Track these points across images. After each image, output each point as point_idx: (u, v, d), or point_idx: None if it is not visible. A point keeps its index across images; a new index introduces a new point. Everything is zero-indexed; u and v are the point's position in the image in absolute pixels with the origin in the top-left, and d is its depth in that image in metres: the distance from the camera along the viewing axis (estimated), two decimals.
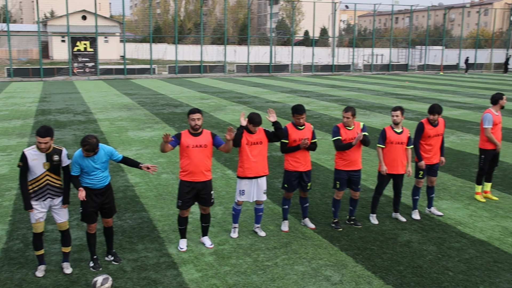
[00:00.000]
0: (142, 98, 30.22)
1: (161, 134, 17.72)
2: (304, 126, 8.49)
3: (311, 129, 8.57)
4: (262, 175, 8.27)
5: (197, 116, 7.58)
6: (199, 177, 7.70)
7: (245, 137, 8.10)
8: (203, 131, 7.74)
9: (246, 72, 55.09)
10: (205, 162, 7.74)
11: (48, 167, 6.84)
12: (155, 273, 7.10)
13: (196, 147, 7.61)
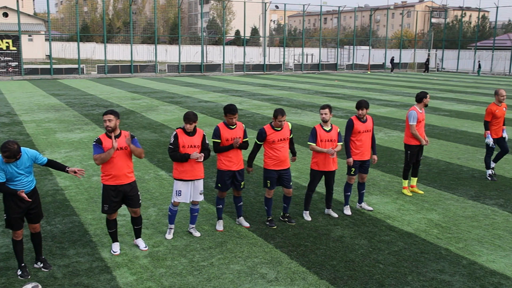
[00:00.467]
0: (71, 98, 29.29)
1: (91, 136, 17.26)
2: (235, 125, 8.53)
3: (242, 128, 8.63)
4: (198, 178, 8.24)
5: (109, 117, 7.34)
6: (123, 180, 7.53)
7: (182, 139, 8.03)
8: (122, 133, 7.55)
9: (177, 72, 54.58)
10: (127, 164, 7.58)
11: None
12: (87, 278, 6.91)
13: (119, 149, 7.45)
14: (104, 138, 7.42)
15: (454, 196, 10.87)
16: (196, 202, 8.41)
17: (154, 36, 54.74)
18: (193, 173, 8.15)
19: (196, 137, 8.11)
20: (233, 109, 8.36)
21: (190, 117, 7.96)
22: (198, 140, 8.14)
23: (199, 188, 8.29)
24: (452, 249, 8.03)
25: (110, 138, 7.41)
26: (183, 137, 8.05)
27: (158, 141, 16.42)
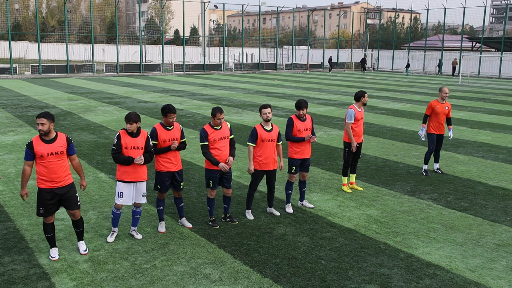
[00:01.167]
0: (3, 100, 28.12)
1: (25, 138, 16.65)
2: (173, 126, 8.48)
3: (179, 129, 8.59)
4: (141, 180, 8.14)
5: (41, 121, 7.12)
6: (58, 183, 7.31)
7: (125, 141, 7.90)
8: (58, 136, 7.34)
9: (116, 72, 53.48)
10: (63, 167, 7.35)
11: None
12: (24, 286, 6.66)
13: (51, 155, 7.21)
14: (37, 141, 7.19)
15: (392, 192, 11.23)
16: (139, 205, 8.30)
17: (91, 35, 53.38)
18: (136, 175, 8.04)
19: (139, 139, 8.00)
20: (173, 108, 8.32)
21: (131, 117, 7.85)
22: (142, 141, 8.03)
23: (142, 190, 8.19)
24: (390, 243, 8.29)
25: (44, 142, 7.18)
26: (126, 138, 7.94)
27: (97, 143, 16.05)
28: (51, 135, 7.24)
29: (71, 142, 7.44)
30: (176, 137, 8.43)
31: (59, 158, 7.26)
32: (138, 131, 8.02)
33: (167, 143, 8.36)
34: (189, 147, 15.27)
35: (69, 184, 7.46)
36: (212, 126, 8.69)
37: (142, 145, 8.00)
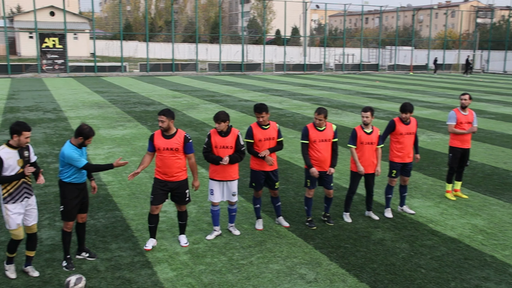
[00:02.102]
0: (114, 96, 29.87)
1: (133, 133, 17.55)
2: (269, 125, 8.46)
3: (276, 128, 8.55)
4: (230, 179, 8.20)
5: (161, 118, 7.46)
6: (170, 177, 7.64)
7: (215, 140, 8.04)
8: (177, 133, 7.63)
9: (218, 71, 54.96)
10: (177, 164, 7.63)
11: (22, 164, 6.67)
12: (129, 273, 7.03)
13: (166, 149, 7.53)
14: (158, 135, 7.60)
15: (500, 202, 10.58)
16: (232, 203, 8.42)
17: (195, 35, 55.25)
18: (224, 174, 8.11)
19: (229, 138, 8.04)
20: (258, 107, 8.31)
21: (219, 116, 7.91)
22: (232, 140, 8.06)
23: (232, 189, 8.25)
24: (498, 256, 7.81)
25: (163, 137, 7.53)
26: (216, 137, 8.04)
27: (198, 139, 16.57)
28: (171, 131, 7.55)
29: (188, 141, 7.59)
30: (272, 136, 8.41)
31: (174, 154, 7.53)
32: (228, 130, 8.06)
33: (262, 142, 8.37)
34: (288, 147, 15.33)
35: (181, 181, 7.72)
36: (315, 126, 8.63)
37: (232, 145, 8.02)
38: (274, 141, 8.48)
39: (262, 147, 8.42)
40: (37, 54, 48.28)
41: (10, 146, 6.60)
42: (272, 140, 8.46)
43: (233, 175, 8.21)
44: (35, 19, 47.57)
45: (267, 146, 8.44)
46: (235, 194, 8.31)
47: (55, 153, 14.42)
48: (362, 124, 9.04)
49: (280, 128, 8.72)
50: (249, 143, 8.45)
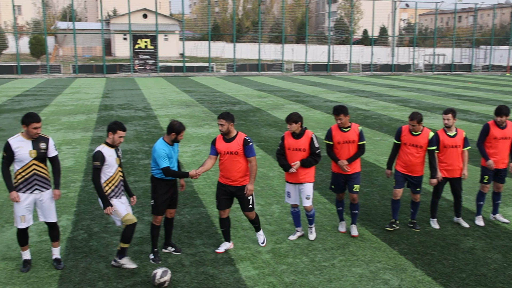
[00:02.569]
0: (201, 95, 30.65)
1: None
2: (349, 128, 8.23)
3: (357, 131, 8.22)
4: (302, 182, 7.93)
5: (220, 122, 7.33)
6: (233, 181, 7.49)
7: (288, 142, 7.91)
8: (237, 136, 7.46)
9: (303, 71, 54.88)
10: (237, 168, 7.44)
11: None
12: (212, 269, 7.17)
13: (227, 153, 7.42)
14: (219, 138, 7.51)
15: None
16: (307, 208, 8.07)
17: (282, 35, 55.48)
18: (297, 177, 7.91)
19: (302, 140, 7.81)
20: (335, 109, 8.13)
21: (291, 117, 7.72)
22: (305, 143, 7.81)
23: (305, 193, 7.95)
24: None
25: (224, 141, 7.44)
26: (289, 139, 7.88)
27: None
28: (231, 134, 7.42)
29: (247, 144, 7.35)
30: (352, 139, 8.15)
31: (234, 158, 7.37)
32: (302, 132, 7.83)
33: (341, 145, 8.16)
34: (373, 149, 15.03)
35: (243, 186, 7.51)
36: (410, 130, 8.38)
37: (305, 147, 7.77)
38: (354, 144, 8.18)
39: (341, 150, 8.21)
40: (130, 55, 50.53)
41: (108, 145, 6.93)
42: (351, 144, 8.18)
43: (307, 178, 7.90)
44: (129, 21, 49.80)
45: (346, 149, 8.18)
46: (308, 198, 7.95)
47: (144, 149, 15.01)
48: (444, 127, 8.68)
49: (362, 131, 8.35)
50: (328, 144, 8.33)
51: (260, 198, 10.38)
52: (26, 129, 6.78)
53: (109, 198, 6.89)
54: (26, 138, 6.84)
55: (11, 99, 28.65)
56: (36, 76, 48.08)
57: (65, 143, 15.88)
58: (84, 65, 51.90)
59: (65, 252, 7.67)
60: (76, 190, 10.93)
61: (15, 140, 6.81)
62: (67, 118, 21.17)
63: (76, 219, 9.13)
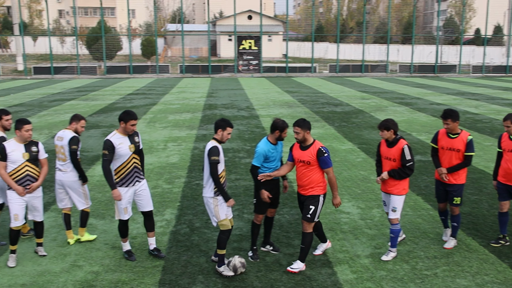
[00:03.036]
0: (303, 96, 30.68)
1: (320, 133, 17.80)
2: (458, 134, 7.67)
3: (465, 140, 7.59)
4: (389, 193, 7.50)
5: (296, 129, 7.01)
6: (302, 190, 7.21)
7: (382, 149, 7.56)
8: (312, 145, 7.05)
9: (409, 72, 53.21)
10: (309, 178, 7.07)
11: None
12: (310, 270, 7.14)
13: (300, 162, 7.14)
14: (296, 145, 7.24)
15: None
16: (392, 221, 7.46)
17: (387, 35, 54.14)
18: (385, 187, 7.58)
19: (394, 149, 7.30)
20: (444, 113, 7.67)
21: (382, 123, 7.28)
22: (396, 153, 7.30)
23: (392, 204, 7.47)
24: None
25: (300, 148, 7.14)
26: (383, 147, 7.52)
27: None
28: (307, 142, 7.08)
29: (322, 155, 6.89)
30: (457, 148, 7.59)
31: (306, 167, 7.04)
32: (395, 141, 7.32)
33: (444, 151, 7.73)
34: (483, 155, 14.24)
35: (310, 196, 7.08)
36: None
37: (395, 157, 7.27)
38: (458, 153, 7.62)
39: (443, 156, 7.76)
40: (235, 55, 51.73)
41: (217, 141, 7.09)
42: (455, 152, 7.63)
43: (395, 190, 7.39)
44: (235, 23, 50.97)
45: (448, 157, 7.68)
46: (394, 210, 7.39)
47: (246, 148, 15.28)
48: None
49: (472, 141, 7.65)
50: (432, 148, 7.96)
51: (360, 202, 10.19)
52: (124, 125, 7.15)
53: (215, 195, 6.95)
54: (123, 135, 7.20)
55: (123, 97, 30.42)
56: (146, 76, 50.69)
57: (171, 140, 16.57)
58: (190, 65, 53.87)
59: (168, 245, 8.00)
60: (180, 185, 11.35)
61: (115, 137, 7.15)
62: (174, 116, 22.08)
63: (179, 214, 9.49)
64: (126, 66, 52.28)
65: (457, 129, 7.73)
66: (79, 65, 51.29)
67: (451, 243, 7.95)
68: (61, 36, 74.04)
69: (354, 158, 13.99)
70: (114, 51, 59.34)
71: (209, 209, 7.04)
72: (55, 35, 71.97)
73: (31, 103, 27.32)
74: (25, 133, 7.17)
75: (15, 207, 7.21)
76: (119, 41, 60.89)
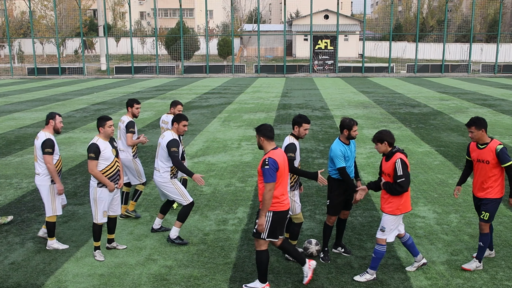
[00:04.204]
0: (379, 96, 30.07)
1: (396, 134, 17.37)
2: (486, 145, 6.95)
3: (493, 150, 6.85)
4: (381, 209, 6.91)
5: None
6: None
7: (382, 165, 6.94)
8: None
9: (493, 73, 50.83)
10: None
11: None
12: (382, 274, 6.98)
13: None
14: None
15: None
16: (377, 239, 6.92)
17: (470, 34, 52.01)
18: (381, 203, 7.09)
19: (389, 163, 6.71)
20: (469, 120, 7.06)
21: (375, 135, 6.80)
22: (390, 167, 6.68)
23: (381, 223, 6.91)
24: None
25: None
26: (383, 161, 6.89)
27: (465, 145, 15.56)
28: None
29: (262, 167, 6.21)
30: (486, 159, 6.95)
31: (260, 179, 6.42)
32: (391, 154, 6.75)
33: (475, 163, 7.10)
34: None
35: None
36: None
37: (389, 172, 6.70)
38: (488, 165, 6.88)
39: (475, 169, 7.10)
40: (310, 55, 51.50)
41: (294, 136, 7.20)
42: (485, 164, 6.92)
43: (387, 208, 6.78)
44: (311, 22, 50.75)
45: (478, 169, 7.03)
46: (383, 230, 6.80)
47: (320, 149, 15.17)
48: None
49: (503, 149, 6.84)
50: (466, 160, 7.41)
51: (437, 206, 9.85)
52: (177, 126, 7.89)
53: (292, 190, 7.22)
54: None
55: (199, 96, 31.09)
56: (222, 76, 51.54)
57: (245, 139, 16.74)
58: (265, 65, 54.20)
59: (239, 243, 8.09)
60: (253, 184, 11.44)
61: (176, 136, 7.88)
62: (248, 115, 22.29)
63: (251, 212, 9.57)
64: (202, 66, 53.41)
65: (485, 138, 6.97)
66: (158, 65, 52.95)
67: (472, 264, 7.12)
68: (142, 37, 76.71)
69: (431, 161, 13.54)
70: (192, 51, 60.79)
71: None
72: (136, 36, 74.66)
73: (112, 101, 28.51)
74: (108, 129, 7.42)
75: (105, 204, 7.51)
76: (196, 41, 62.29)
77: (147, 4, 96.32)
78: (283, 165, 6.29)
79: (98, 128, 7.45)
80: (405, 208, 6.75)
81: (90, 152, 7.32)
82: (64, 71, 53.42)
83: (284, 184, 6.38)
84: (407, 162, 6.67)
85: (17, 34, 68.62)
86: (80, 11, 54.68)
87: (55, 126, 7.84)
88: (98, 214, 7.46)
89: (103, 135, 7.47)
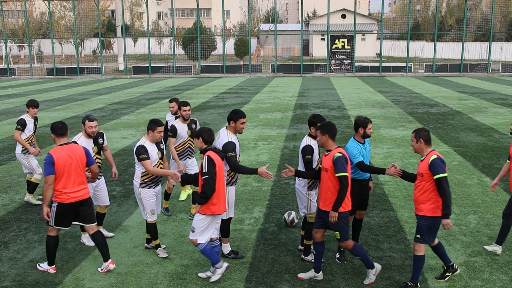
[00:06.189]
0: (396, 96, 29.86)
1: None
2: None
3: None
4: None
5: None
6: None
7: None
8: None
9: None
10: None
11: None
12: (398, 275, 6.92)
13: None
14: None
15: None
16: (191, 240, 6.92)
17: (490, 33, 51.39)
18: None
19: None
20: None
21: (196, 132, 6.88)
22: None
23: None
24: None
25: None
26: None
27: (484, 145, 15.38)
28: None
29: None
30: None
31: None
32: (204, 151, 6.78)
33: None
34: None
35: None
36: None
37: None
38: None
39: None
40: (327, 55, 51.33)
41: (312, 137, 7.22)
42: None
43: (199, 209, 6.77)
44: (328, 22, 50.56)
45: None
46: (193, 231, 6.77)
47: None
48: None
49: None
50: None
51: (455, 207, 9.74)
52: (235, 125, 7.40)
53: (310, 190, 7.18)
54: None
55: (216, 96, 31.17)
56: (238, 75, 51.59)
57: (261, 139, 16.74)
58: (282, 65, 54.16)
59: (255, 243, 8.09)
60: (269, 184, 11.44)
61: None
62: (265, 115, 22.29)
63: (267, 212, 9.57)
64: (219, 66, 53.52)
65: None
66: (175, 65, 53.20)
67: (368, 277, 6.72)
68: (159, 37, 77.13)
69: (449, 161, 13.41)
70: (209, 51, 60.92)
71: (301, 201, 7.35)
72: (154, 36, 75.07)
73: (129, 101, 28.71)
74: (157, 134, 7.48)
75: (151, 203, 7.60)
76: (213, 41, 62.37)
77: (164, 4, 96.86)
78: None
79: (148, 131, 7.53)
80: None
81: (140, 154, 7.33)
82: (83, 71, 53.94)
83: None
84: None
85: (36, 35, 69.45)
86: (98, 12, 55.14)
87: (85, 131, 8.06)
88: (147, 213, 7.60)
89: (151, 138, 7.52)
